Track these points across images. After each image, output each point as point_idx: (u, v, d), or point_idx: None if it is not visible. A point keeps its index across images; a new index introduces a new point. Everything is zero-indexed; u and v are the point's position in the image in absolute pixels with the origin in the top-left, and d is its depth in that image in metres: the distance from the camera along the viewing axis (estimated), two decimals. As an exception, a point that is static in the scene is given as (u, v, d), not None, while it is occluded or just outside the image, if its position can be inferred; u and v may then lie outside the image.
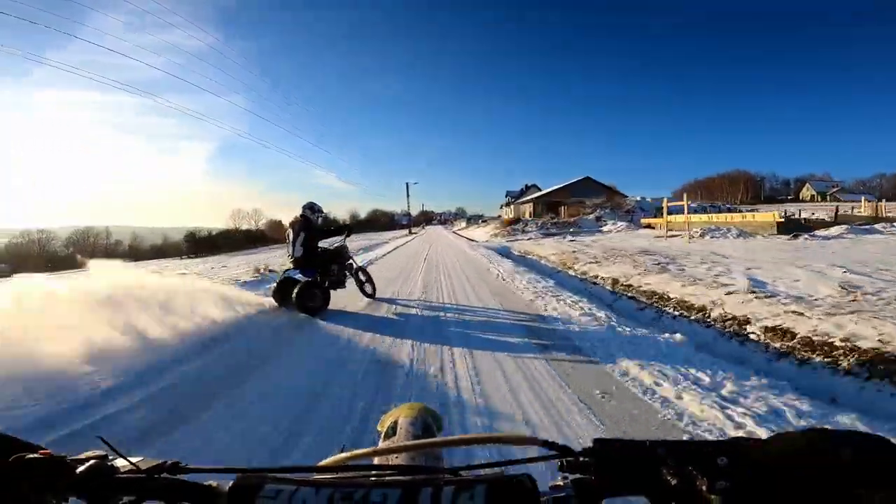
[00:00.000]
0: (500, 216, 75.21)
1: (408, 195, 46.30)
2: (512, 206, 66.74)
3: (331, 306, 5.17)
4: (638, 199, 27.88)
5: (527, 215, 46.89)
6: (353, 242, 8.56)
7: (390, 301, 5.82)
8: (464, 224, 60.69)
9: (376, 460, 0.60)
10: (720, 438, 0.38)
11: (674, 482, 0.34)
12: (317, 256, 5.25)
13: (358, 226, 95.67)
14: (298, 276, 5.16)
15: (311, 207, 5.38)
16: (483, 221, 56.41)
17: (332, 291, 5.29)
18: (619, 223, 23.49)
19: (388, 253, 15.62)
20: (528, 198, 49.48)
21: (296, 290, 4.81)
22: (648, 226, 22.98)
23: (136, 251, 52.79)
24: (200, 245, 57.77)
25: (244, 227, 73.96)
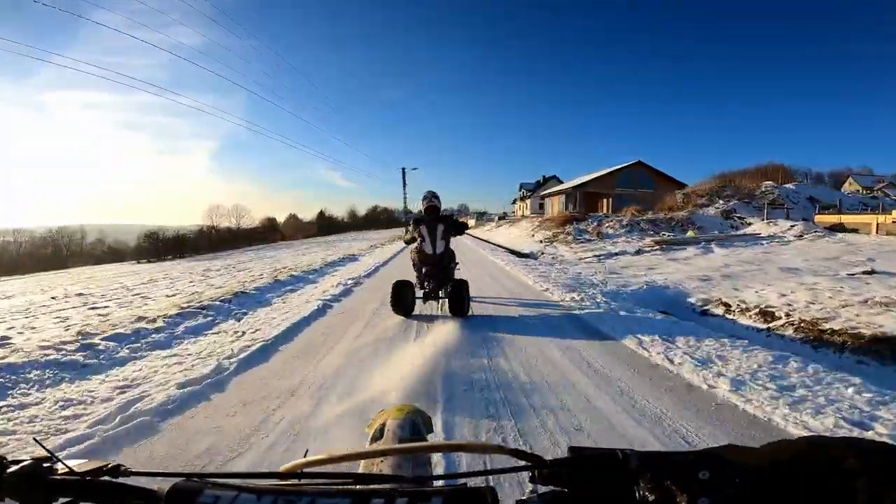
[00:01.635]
0: (505, 213, 64.81)
1: (404, 184, 35.48)
2: (528, 201, 56.35)
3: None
4: (769, 183, 17.72)
5: (554, 211, 36.63)
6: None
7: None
8: (472, 222, 50.03)
9: (361, 466, 0.58)
10: (703, 448, 0.33)
11: (651, 498, 0.31)
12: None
13: (355, 225, 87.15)
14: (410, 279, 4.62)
15: (437, 196, 4.64)
16: (500, 219, 45.91)
17: None
18: (782, 223, 13.17)
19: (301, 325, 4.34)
20: (556, 189, 39.10)
21: (451, 291, 4.25)
22: (839, 226, 12.74)
23: (117, 251, 49.47)
24: (168, 247, 50.62)
25: (224, 224, 64.34)
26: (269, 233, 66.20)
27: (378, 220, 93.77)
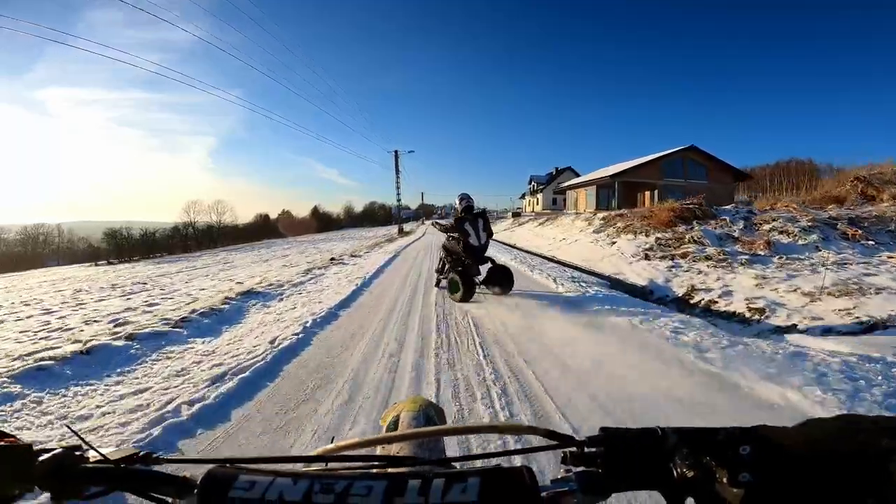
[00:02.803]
0: (507, 210, 58.28)
1: (397, 170, 28.55)
2: (540, 195, 49.96)
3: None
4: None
5: (580, 206, 30.35)
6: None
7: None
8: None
9: (379, 451, 0.57)
10: (740, 426, 0.33)
11: (690, 475, 0.31)
12: None
13: (351, 222, 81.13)
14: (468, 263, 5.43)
15: (471, 197, 5.64)
16: (515, 215, 39.27)
17: None
18: None
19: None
20: (582, 180, 32.57)
21: (501, 275, 5.40)
22: None
23: (98, 249, 46.64)
24: (133, 247, 44.65)
25: (202, 221, 57.22)
26: (259, 230, 60.05)
27: (375, 216, 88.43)
